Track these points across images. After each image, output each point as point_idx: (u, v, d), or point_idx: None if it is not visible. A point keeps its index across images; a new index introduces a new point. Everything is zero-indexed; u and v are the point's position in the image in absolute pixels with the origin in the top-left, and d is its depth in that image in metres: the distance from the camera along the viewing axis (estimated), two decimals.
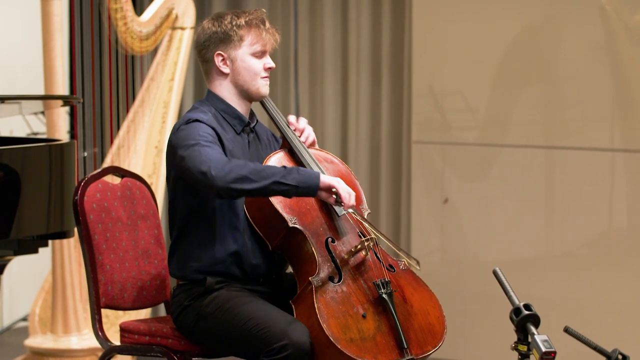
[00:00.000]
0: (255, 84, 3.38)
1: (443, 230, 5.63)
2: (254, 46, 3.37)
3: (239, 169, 3.14)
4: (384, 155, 6.04)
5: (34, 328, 5.22)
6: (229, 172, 3.13)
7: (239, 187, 3.13)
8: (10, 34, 6.25)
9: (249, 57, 3.37)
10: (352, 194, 3.20)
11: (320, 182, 3.16)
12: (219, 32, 3.35)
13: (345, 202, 3.18)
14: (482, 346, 5.49)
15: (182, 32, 5.41)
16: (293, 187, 3.14)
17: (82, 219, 3.45)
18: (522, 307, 2.86)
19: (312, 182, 3.16)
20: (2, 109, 4.23)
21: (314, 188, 3.16)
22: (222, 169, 3.13)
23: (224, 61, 3.37)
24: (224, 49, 3.36)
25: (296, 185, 3.14)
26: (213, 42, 3.36)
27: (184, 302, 3.33)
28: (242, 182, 3.13)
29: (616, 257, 5.21)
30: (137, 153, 5.30)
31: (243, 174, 3.13)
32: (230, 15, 3.37)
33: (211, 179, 3.13)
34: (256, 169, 3.15)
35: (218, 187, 3.13)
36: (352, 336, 3.12)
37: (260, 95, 3.41)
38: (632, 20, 5.19)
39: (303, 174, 3.16)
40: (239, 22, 3.35)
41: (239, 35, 3.35)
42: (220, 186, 3.13)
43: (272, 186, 3.13)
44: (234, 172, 3.13)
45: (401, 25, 5.94)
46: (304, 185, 3.15)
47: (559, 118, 5.37)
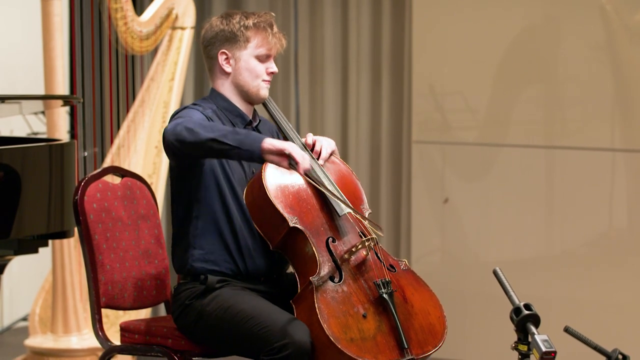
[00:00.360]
0: (255, 86, 3.39)
1: (443, 230, 5.63)
2: (259, 49, 3.37)
3: (189, 122, 3.12)
4: (384, 155, 6.04)
5: (34, 328, 5.22)
6: (178, 124, 3.13)
7: (181, 137, 3.10)
8: (10, 33, 6.25)
9: (252, 59, 3.37)
10: (307, 158, 3.10)
11: (265, 143, 3.06)
12: (226, 31, 3.36)
13: (299, 165, 3.06)
14: (482, 346, 5.49)
15: (182, 32, 5.41)
16: (233, 148, 3.06)
17: (83, 218, 3.45)
18: (523, 307, 2.86)
19: (255, 144, 3.06)
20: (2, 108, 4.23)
21: (256, 150, 3.05)
22: (177, 122, 3.14)
23: (227, 60, 3.38)
24: (229, 48, 3.36)
25: (237, 146, 3.06)
26: (219, 39, 3.37)
27: (185, 301, 3.34)
28: (186, 133, 3.10)
29: (616, 257, 5.21)
30: (137, 153, 5.30)
31: (190, 126, 3.11)
32: (239, 15, 3.38)
33: (165, 132, 3.16)
34: (204, 124, 3.13)
35: (167, 138, 3.14)
36: (353, 336, 3.12)
37: (259, 98, 3.41)
38: (632, 20, 5.19)
39: (247, 136, 3.08)
40: (247, 23, 3.36)
41: (246, 36, 3.35)
42: (168, 138, 3.13)
43: (210, 142, 3.07)
44: (183, 124, 3.12)
45: (401, 25, 5.95)
46: (246, 147, 3.06)
47: (559, 118, 5.37)
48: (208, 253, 3.33)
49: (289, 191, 3.30)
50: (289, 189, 3.31)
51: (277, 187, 3.29)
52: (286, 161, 3.08)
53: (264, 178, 3.27)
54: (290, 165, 3.08)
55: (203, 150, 3.12)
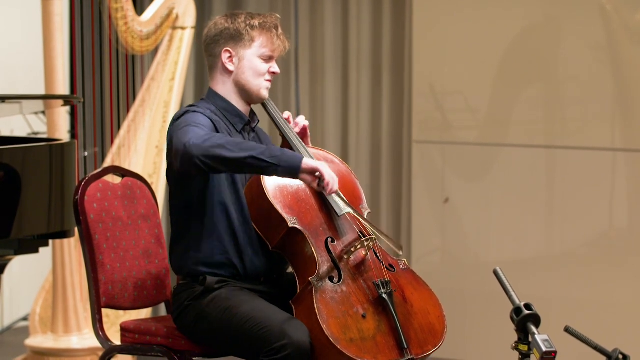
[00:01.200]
0: (257, 85, 3.39)
1: (443, 230, 5.63)
2: (263, 49, 3.38)
3: (217, 138, 3.12)
4: (384, 154, 6.04)
5: (34, 328, 5.22)
6: (206, 140, 3.10)
7: (214, 154, 3.08)
8: (10, 33, 6.25)
9: (256, 58, 3.38)
10: (336, 179, 3.15)
11: (302, 163, 3.11)
12: (231, 29, 3.36)
13: (328, 186, 3.13)
14: (482, 346, 5.50)
15: (182, 31, 5.41)
16: (272, 165, 3.09)
17: (83, 218, 3.45)
18: (523, 307, 2.86)
19: (294, 162, 3.10)
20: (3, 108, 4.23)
21: (295, 169, 3.10)
22: (201, 137, 3.11)
23: (230, 58, 3.38)
24: (233, 47, 3.37)
25: (276, 164, 3.09)
26: (224, 37, 3.37)
27: (185, 301, 3.34)
28: (218, 149, 3.09)
29: (616, 257, 5.21)
30: (137, 153, 5.30)
31: (221, 142, 3.10)
32: (244, 15, 3.39)
33: (189, 147, 3.10)
34: (235, 141, 3.13)
35: (195, 154, 3.09)
36: (352, 336, 3.12)
37: (260, 97, 3.41)
38: (633, 20, 5.19)
39: (285, 154, 3.11)
40: (252, 23, 3.37)
41: (251, 35, 3.36)
42: (197, 154, 3.09)
43: (249, 160, 3.08)
44: (211, 141, 3.10)
45: (402, 25, 5.95)
46: (285, 164, 3.09)
47: (559, 118, 5.37)
48: (207, 254, 3.33)
49: (287, 191, 3.31)
50: (287, 189, 3.31)
51: (276, 187, 3.29)
52: (316, 182, 3.13)
53: (263, 178, 3.27)
54: (318, 186, 3.14)
55: (240, 168, 3.13)
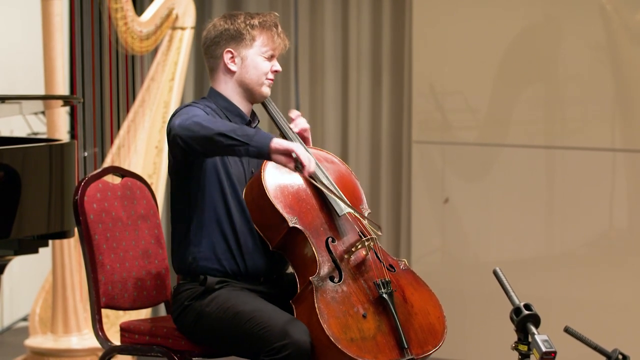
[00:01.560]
0: (260, 84, 3.39)
1: (443, 230, 5.63)
2: (265, 48, 3.38)
3: (198, 117, 3.14)
4: (384, 155, 6.04)
5: (34, 328, 5.22)
6: (187, 119, 3.14)
7: (189, 133, 3.11)
8: (10, 34, 6.25)
9: (258, 57, 3.38)
10: (313, 160, 3.12)
11: (273, 142, 3.08)
12: (232, 30, 3.36)
13: (306, 166, 3.08)
14: (482, 346, 5.49)
15: (182, 32, 5.41)
16: (242, 144, 3.07)
17: (83, 218, 3.45)
18: (523, 307, 2.86)
19: (263, 141, 3.07)
20: (3, 109, 4.23)
21: (264, 148, 3.07)
22: (184, 117, 3.15)
23: (232, 59, 3.38)
24: (235, 47, 3.37)
25: (246, 142, 3.07)
26: (224, 38, 3.37)
27: (185, 301, 3.34)
28: (194, 126, 3.11)
29: (616, 257, 5.21)
30: (137, 153, 5.30)
31: (198, 120, 3.12)
32: (243, 15, 3.39)
33: (173, 127, 3.16)
34: (212, 119, 3.14)
35: (175, 133, 3.14)
36: (353, 336, 3.12)
37: (262, 96, 3.42)
38: (633, 20, 5.19)
39: (258, 134, 3.10)
40: (252, 23, 3.37)
41: (252, 35, 3.36)
42: (177, 132, 3.14)
43: (218, 137, 3.08)
44: (192, 119, 3.13)
45: (401, 25, 5.95)
46: (255, 144, 3.07)
47: (559, 118, 5.37)
48: (207, 253, 3.33)
49: (288, 191, 3.30)
50: (288, 189, 3.31)
51: (277, 187, 3.29)
52: (292, 163, 3.09)
53: (264, 178, 3.27)
54: (296, 168, 3.10)
55: (211, 145, 3.12)
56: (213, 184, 3.33)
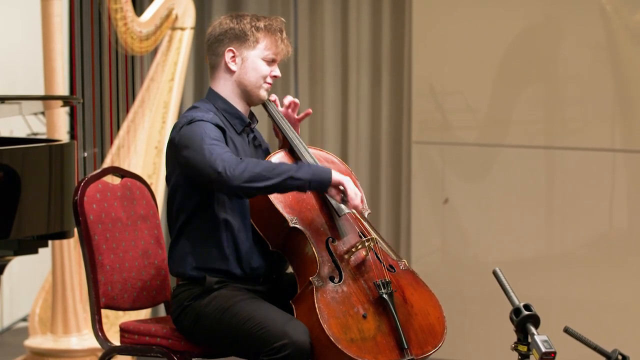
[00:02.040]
0: (258, 87, 3.39)
1: (443, 230, 5.63)
2: (267, 52, 3.38)
3: (252, 166, 3.16)
4: (384, 155, 6.04)
5: (34, 328, 5.22)
6: (243, 171, 3.15)
7: (254, 185, 3.16)
8: (10, 34, 6.25)
9: (259, 60, 3.38)
10: (359, 195, 3.23)
11: (332, 177, 3.19)
12: (237, 29, 3.37)
13: (351, 201, 3.20)
14: (482, 346, 5.49)
15: (182, 32, 5.41)
16: (306, 182, 3.17)
17: (82, 219, 3.45)
18: (522, 308, 2.86)
19: (324, 176, 3.19)
20: (2, 109, 4.23)
21: (326, 182, 3.19)
22: (237, 168, 3.16)
23: (233, 58, 3.38)
24: (237, 47, 3.37)
25: (309, 180, 3.17)
26: (228, 37, 3.37)
27: (184, 302, 3.33)
28: (257, 180, 3.15)
29: (616, 257, 5.21)
30: (137, 153, 5.30)
31: (257, 171, 3.16)
32: (250, 16, 3.40)
33: (227, 178, 3.15)
34: (269, 166, 3.18)
35: (234, 186, 3.15)
36: (353, 336, 3.12)
37: (259, 99, 3.42)
38: (632, 20, 5.19)
39: (315, 169, 3.20)
40: (258, 25, 3.37)
41: (256, 37, 3.36)
42: (236, 185, 3.15)
43: (288, 181, 3.16)
44: (248, 171, 3.15)
45: (401, 25, 5.94)
46: (317, 178, 3.18)
47: (559, 118, 5.36)
48: (206, 255, 3.32)
49: None
50: None
51: None
52: (340, 195, 3.22)
53: None
54: (342, 201, 3.23)
55: (277, 190, 3.21)
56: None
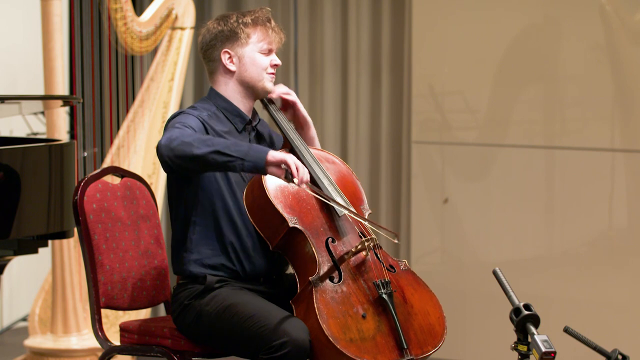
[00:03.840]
0: (261, 79, 3.40)
1: (443, 230, 5.63)
2: (261, 44, 3.38)
3: (186, 136, 3.11)
4: (384, 155, 6.04)
5: (33, 328, 5.22)
6: (175, 139, 3.11)
7: (180, 153, 3.09)
8: (10, 34, 6.25)
9: (256, 53, 3.38)
10: (304, 169, 3.10)
11: (269, 155, 3.08)
12: (226, 31, 3.37)
13: (297, 175, 3.07)
14: (482, 346, 5.49)
15: (182, 32, 5.41)
16: (238, 159, 3.08)
17: (82, 219, 3.45)
18: (522, 307, 2.86)
19: (259, 155, 3.08)
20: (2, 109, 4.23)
21: (261, 162, 3.08)
22: (171, 137, 3.12)
23: (230, 59, 3.38)
24: (231, 47, 3.37)
25: (241, 158, 3.07)
26: (220, 40, 3.38)
27: (184, 301, 3.34)
28: (184, 147, 3.09)
29: (616, 257, 5.21)
30: (137, 153, 5.30)
31: (188, 140, 3.10)
32: (235, 14, 3.40)
33: (159, 147, 3.13)
34: (202, 138, 3.11)
35: (163, 154, 3.12)
36: (352, 336, 3.12)
37: (265, 90, 3.42)
38: (632, 20, 5.19)
39: (250, 148, 3.09)
40: (245, 21, 3.37)
41: (246, 32, 3.37)
42: (165, 153, 3.11)
43: (214, 155, 3.08)
44: (179, 139, 3.11)
45: (401, 25, 5.95)
46: (250, 158, 3.07)
47: (559, 118, 5.37)
48: (207, 256, 3.33)
49: (288, 191, 3.31)
50: (288, 189, 3.31)
51: (277, 187, 3.29)
52: (284, 173, 3.09)
53: (264, 178, 3.28)
54: (286, 179, 3.09)
55: (204, 164, 3.11)
56: (212, 185, 3.33)
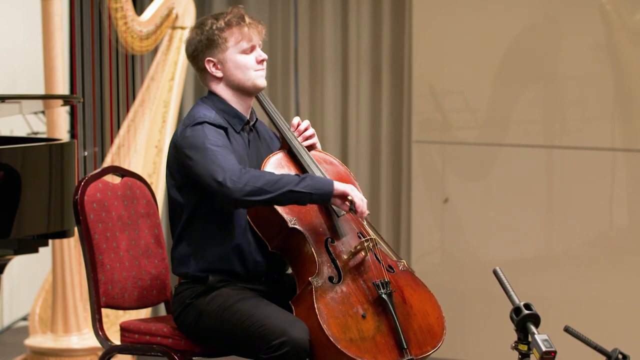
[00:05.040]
0: (249, 78, 3.39)
1: (443, 230, 5.63)
2: (240, 44, 3.37)
3: (254, 180, 3.18)
4: (384, 155, 6.04)
5: (34, 327, 5.22)
6: (245, 185, 3.17)
7: (254, 199, 3.18)
8: (11, 34, 6.25)
9: (237, 55, 3.37)
10: (365, 201, 3.24)
11: (334, 189, 3.20)
12: (204, 40, 3.37)
13: (360, 210, 3.22)
14: (482, 346, 5.50)
15: (182, 31, 5.41)
16: (307, 194, 3.18)
17: (83, 218, 3.45)
18: (523, 307, 2.86)
19: (326, 188, 3.20)
20: (3, 108, 4.23)
21: (327, 195, 3.20)
22: (239, 180, 3.17)
23: (215, 66, 3.39)
24: (212, 54, 3.37)
25: (310, 193, 3.18)
26: (200, 50, 3.38)
27: (185, 300, 3.34)
28: (257, 195, 3.17)
29: (616, 257, 5.21)
30: (137, 152, 5.30)
31: (258, 186, 3.17)
32: (210, 20, 3.39)
33: (227, 190, 3.17)
34: (271, 179, 3.19)
35: (234, 198, 3.17)
36: (352, 336, 3.12)
37: (257, 87, 3.41)
38: (632, 19, 5.19)
39: (317, 181, 3.21)
40: (219, 25, 3.36)
41: (223, 37, 3.36)
42: (236, 198, 3.17)
43: (287, 195, 3.18)
44: (250, 185, 3.17)
45: (401, 25, 5.95)
46: (318, 192, 3.19)
47: (559, 117, 5.37)
48: (208, 255, 3.33)
49: None
50: None
51: None
52: (347, 206, 3.23)
53: None
54: (350, 210, 3.24)
55: (276, 204, 3.23)
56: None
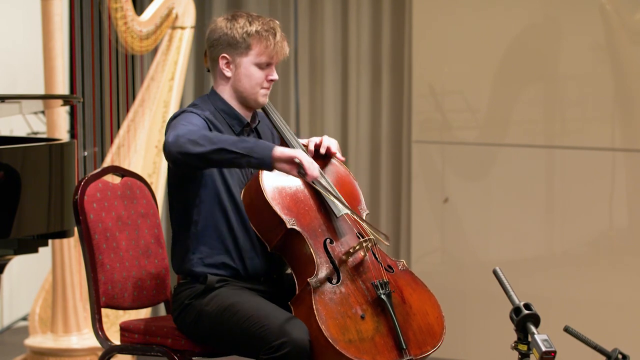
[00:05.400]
0: (254, 93, 3.37)
1: (443, 230, 5.63)
2: (260, 57, 3.35)
3: (191, 134, 3.11)
4: (384, 155, 6.04)
5: (34, 327, 5.22)
6: (181, 136, 3.11)
7: (185, 150, 3.09)
8: (11, 33, 6.25)
9: (252, 66, 3.35)
10: (316, 166, 3.12)
11: (275, 151, 3.07)
12: (229, 36, 3.34)
13: (309, 172, 3.09)
14: (482, 346, 5.50)
15: (182, 31, 5.41)
16: (244, 156, 3.07)
17: (82, 218, 3.45)
18: (522, 307, 2.86)
19: (265, 152, 3.07)
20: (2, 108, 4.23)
21: (267, 158, 3.07)
22: (178, 134, 3.12)
23: (227, 64, 3.37)
24: (230, 53, 3.35)
25: (247, 154, 3.07)
26: (221, 43, 3.35)
27: (185, 300, 3.34)
28: (190, 145, 3.09)
29: (616, 257, 5.22)
30: (137, 152, 5.30)
31: (194, 138, 3.10)
32: (244, 18, 3.35)
33: (167, 144, 3.13)
34: (208, 135, 3.11)
35: (171, 151, 3.12)
36: (351, 337, 3.12)
37: (257, 104, 3.40)
38: (632, 19, 5.19)
39: (257, 144, 3.09)
40: (250, 30, 3.33)
41: (248, 43, 3.34)
42: (173, 150, 3.11)
43: (220, 152, 3.08)
44: (186, 137, 3.11)
45: (401, 25, 5.95)
46: (257, 155, 3.07)
47: (559, 117, 5.37)
48: (207, 256, 3.33)
49: (286, 192, 3.30)
50: (286, 191, 3.31)
51: (275, 188, 3.29)
52: (295, 169, 3.09)
53: (261, 180, 3.27)
54: (299, 174, 3.10)
55: (211, 161, 3.11)
56: (210, 186, 3.33)
